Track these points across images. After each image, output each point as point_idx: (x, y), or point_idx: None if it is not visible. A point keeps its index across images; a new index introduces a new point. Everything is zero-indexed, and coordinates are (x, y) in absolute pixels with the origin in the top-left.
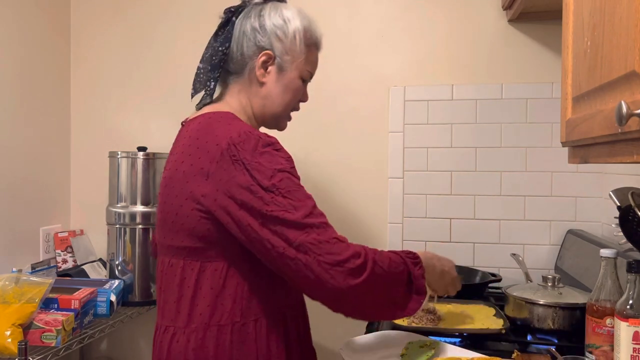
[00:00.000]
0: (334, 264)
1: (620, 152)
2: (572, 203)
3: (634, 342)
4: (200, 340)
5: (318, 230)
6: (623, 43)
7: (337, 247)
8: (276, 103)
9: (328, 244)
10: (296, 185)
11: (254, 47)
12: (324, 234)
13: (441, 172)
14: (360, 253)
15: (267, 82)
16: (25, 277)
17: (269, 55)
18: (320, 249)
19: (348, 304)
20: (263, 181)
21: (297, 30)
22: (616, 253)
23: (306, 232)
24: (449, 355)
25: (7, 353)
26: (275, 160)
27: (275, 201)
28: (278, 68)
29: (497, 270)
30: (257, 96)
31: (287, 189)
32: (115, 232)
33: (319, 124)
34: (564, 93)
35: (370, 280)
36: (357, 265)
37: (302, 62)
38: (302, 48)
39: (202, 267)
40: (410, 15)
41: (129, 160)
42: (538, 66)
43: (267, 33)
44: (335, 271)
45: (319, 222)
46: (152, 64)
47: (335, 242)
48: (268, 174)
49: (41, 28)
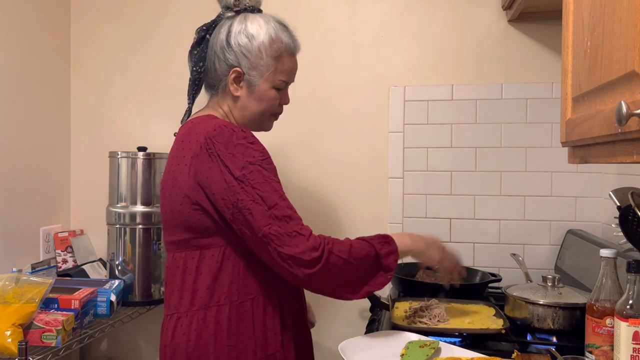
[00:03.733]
0: (290, 256)
1: (620, 152)
2: (572, 203)
3: (633, 342)
4: (201, 320)
5: (280, 223)
6: (623, 43)
7: (295, 241)
8: (254, 114)
9: (288, 237)
10: (265, 177)
11: (225, 65)
12: (285, 227)
13: (441, 172)
14: (317, 246)
15: (241, 97)
16: (26, 277)
17: (238, 72)
18: (281, 241)
19: (312, 287)
20: (235, 171)
21: (262, 45)
22: (616, 253)
23: (269, 224)
24: (449, 355)
25: (7, 353)
26: (248, 152)
27: (245, 191)
28: (247, 84)
29: (497, 270)
30: (235, 108)
31: (256, 180)
32: (116, 232)
33: (319, 124)
34: (564, 93)
35: (326, 269)
36: (313, 258)
37: (272, 74)
38: (268, 61)
39: (202, 254)
40: (410, 15)
41: (129, 160)
42: (538, 66)
43: (233, 51)
44: (292, 262)
45: (282, 215)
46: (152, 64)
47: (294, 236)
48: (240, 165)
49: (41, 28)
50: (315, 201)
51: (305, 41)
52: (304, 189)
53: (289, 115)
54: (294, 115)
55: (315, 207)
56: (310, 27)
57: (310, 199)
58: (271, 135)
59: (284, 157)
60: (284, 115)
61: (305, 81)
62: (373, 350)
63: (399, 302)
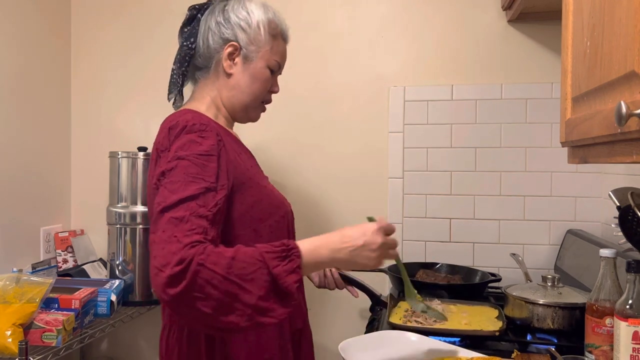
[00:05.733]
0: (158, 267)
1: (620, 152)
2: (572, 203)
3: (633, 341)
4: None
5: (165, 227)
6: (622, 43)
7: (168, 248)
8: (245, 93)
9: (164, 243)
10: (186, 174)
11: (220, 40)
12: (168, 231)
13: (441, 172)
14: (184, 259)
15: (235, 73)
16: (26, 277)
17: (235, 47)
18: (156, 250)
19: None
20: (160, 167)
21: (261, 20)
22: (615, 253)
23: (157, 228)
24: (449, 355)
25: (8, 353)
26: (186, 146)
27: (159, 191)
28: (244, 58)
29: (496, 270)
30: (226, 87)
31: (172, 178)
32: (116, 232)
33: (319, 124)
34: (564, 93)
35: (195, 288)
36: (175, 272)
37: (268, 52)
38: (267, 38)
39: None
40: (410, 15)
41: (130, 160)
42: (538, 66)
43: (231, 25)
44: (157, 278)
45: (172, 217)
46: (152, 64)
47: (171, 242)
48: (167, 160)
49: (41, 29)
50: (314, 201)
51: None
52: (303, 189)
53: (288, 115)
54: (294, 115)
55: (315, 207)
56: (310, 27)
57: (310, 199)
58: (271, 135)
59: (284, 157)
60: (283, 115)
61: (305, 81)
62: (373, 350)
63: (402, 302)
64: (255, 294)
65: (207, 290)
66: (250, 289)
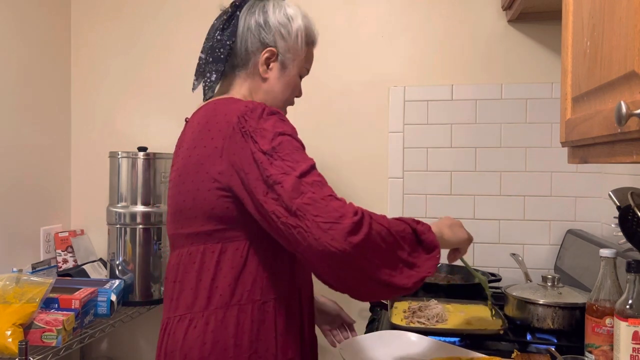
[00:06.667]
0: (331, 221)
1: (620, 152)
2: (572, 203)
3: (633, 341)
4: (220, 321)
5: (313, 189)
6: (622, 43)
7: (333, 205)
8: (277, 99)
9: (323, 201)
10: (296, 147)
11: (258, 43)
12: (319, 192)
13: (441, 172)
14: (357, 210)
15: (270, 78)
16: (26, 277)
17: (272, 52)
18: (317, 209)
19: (353, 271)
20: (264, 146)
21: (300, 29)
22: (616, 253)
23: (302, 192)
24: (449, 355)
25: (8, 353)
26: (278, 125)
27: (274, 165)
28: (281, 65)
29: (497, 270)
30: (260, 90)
31: (285, 151)
32: (116, 232)
33: (319, 124)
34: (564, 93)
35: (372, 237)
36: (355, 222)
37: (302, 60)
38: (303, 47)
39: (223, 248)
40: (410, 15)
41: (130, 160)
42: (538, 66)
43: (271, 30)
44: (334, 231)
45: (313, 180)
46: (152, 64)
47: (331, 200)
48: (269, 137)
49: (41, 28)
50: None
51: None
52: None
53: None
54: (294, 115)
55: None
56: None
57: None
58: None
59: None
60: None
61: (305, 81)
62: (373, 350)
63: (397, 302)
64: (406, 250)
65: (378, 241)
66: (403, 244)
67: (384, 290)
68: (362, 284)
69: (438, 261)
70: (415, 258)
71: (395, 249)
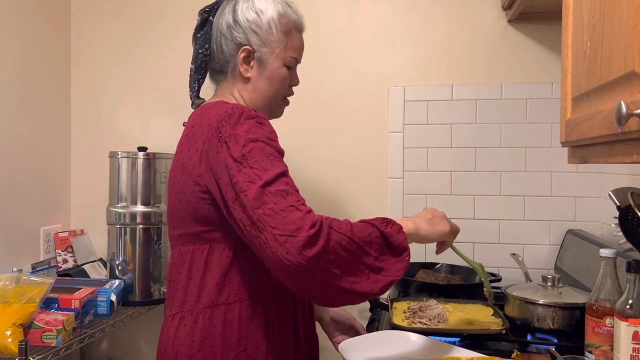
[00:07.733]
0: (287, 234)
1: (620, 152)
2: (572, 203)
3: (633, 341)
4: (208, 319)
5: (275, 199)
6: (622, 43)
7: (291, 216)
8: (265, 95)
9: (283, 212)
10: (267, 154)
11: (232, 44)
12: (281, 202)
13: (441, 172)
14: (315, 222)
15: (252, 77)
16: (26, 277)
17: (248, 51)
18: (276, 220)
19: (313, 282)
20: (235, 152)
21: (272, 20)
22: (616, 253)
23: (263, 202)
24: (449, 355)
25: (8, 353)
26: (253, 130)
27: (242, 172)
28: (259, 61)
29: (497, 270)
30: (245, 91)
31: (255, 158)
32: (116, 232)
33: (319, 124)
34: (564, 93)
35: (329, 248)
36: (310, 235)
37: (283, 50)
38: (279, 36)
39: (211, 248)
40: (410, 15)
41: (129, 160)
42: (538, 66)
43: (242, 28)
44: (289, 244)
45: (277, 190)
46: (152, 64)
47: (291, 211)
48: (241, 144)
49: (41, 28)
50: (315, 201)
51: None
52: (303, 189)
53: (288, 115)
54: (294, 115)
55: (315, 207)
56: (310, 27)
57: (310, 199)
58: None
59: None
60: (283, 115)
61: (305, 81)
62: (373, 350)
63: (397, 302)
64: (372, 255)
65: (338, 250)
66: (368, 250)
67: (349, 297)
68: (324, 293)
69: (407, 264)
70: (383, 262)
71: (359, 256)
